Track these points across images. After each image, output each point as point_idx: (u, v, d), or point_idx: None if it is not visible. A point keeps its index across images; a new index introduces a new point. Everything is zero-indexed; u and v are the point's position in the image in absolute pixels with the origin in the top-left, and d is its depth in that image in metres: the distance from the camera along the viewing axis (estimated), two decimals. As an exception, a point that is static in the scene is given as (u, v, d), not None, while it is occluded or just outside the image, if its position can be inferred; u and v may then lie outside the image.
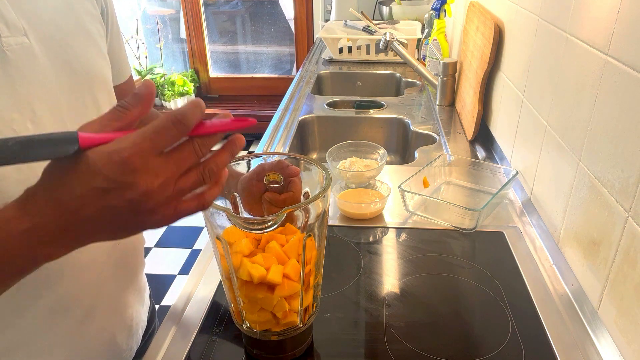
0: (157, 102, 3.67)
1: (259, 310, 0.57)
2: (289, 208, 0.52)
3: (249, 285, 0.55)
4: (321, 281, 0.62)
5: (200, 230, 2.64)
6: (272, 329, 0.59)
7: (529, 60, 0.95)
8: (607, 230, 0.64)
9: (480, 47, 1.24)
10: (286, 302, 0.56)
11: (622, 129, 0.60)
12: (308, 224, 0.56)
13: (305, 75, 1.87)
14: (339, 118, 1.48)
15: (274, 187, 0.64)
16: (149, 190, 0.40)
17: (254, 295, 0.55)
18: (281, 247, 0.56)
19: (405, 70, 1.88)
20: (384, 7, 2.42)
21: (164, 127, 0.40)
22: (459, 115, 1.43)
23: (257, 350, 0.62)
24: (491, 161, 1.15)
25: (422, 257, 0.82)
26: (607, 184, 0.64)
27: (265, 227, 0.52)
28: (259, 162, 0.65)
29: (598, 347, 0.64)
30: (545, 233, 0.84)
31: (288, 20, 3.74)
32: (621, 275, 0.60)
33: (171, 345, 0.65)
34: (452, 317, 0.69)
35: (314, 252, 0.58)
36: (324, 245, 0.60)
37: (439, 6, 1.65)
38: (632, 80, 0.58)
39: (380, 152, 1.08)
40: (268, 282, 0.54)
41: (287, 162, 0.63)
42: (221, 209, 0.52)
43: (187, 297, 0.74)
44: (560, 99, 0.80)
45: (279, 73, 3.93)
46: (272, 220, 0.51)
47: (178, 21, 3.79)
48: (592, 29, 0.69)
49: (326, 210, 0.57)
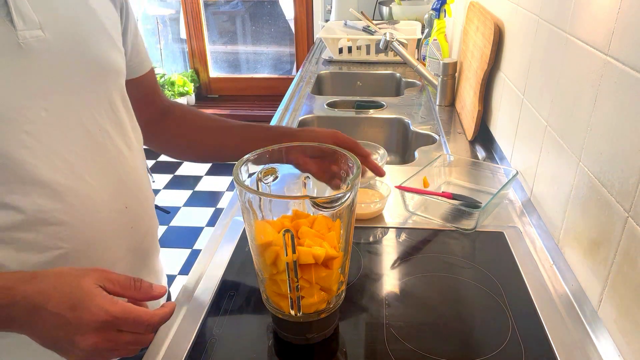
0: (157, 102, 3.67)
1: (318, 291, 0.60)
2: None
3: (310, 269, 0.58)
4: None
5: (200, 230, 2.64)
6: (320, 307, 0.62)
7: (529, 60, 0.95)
8: (607, 230, 0.64)
9: (480, 47, 1.24)
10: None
11: (622, 129, 0.60)
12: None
13: (305, 76, 1.87)
14: (339, 118, 1.48)
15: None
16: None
17: (318, 276, 0.58)
18: (311, 229, 0.59)
19: (405, 70, 1.88)
20: (384, 7, 2.42)
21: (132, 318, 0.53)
22: (459, 115, 1.43)
23: (309, 333, 0.64)
24: (491, 161, 1.15)
25: (422, 257, 0.82)
26: (607, 184, 0.64)
27: (340, 203, 0.58)
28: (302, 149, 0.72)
29: (598, 347, 0.64)
30: (545, 233, 0.84)
31: (288, 20, 3.74)
32: (621, 276, 0.60)
33: (170, 346, 0.65)
34: (452, 317, 0.69)
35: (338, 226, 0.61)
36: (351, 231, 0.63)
37: (439, 6, 1.65)
38: (632, 80, 0.58)
39: (380, 152, 1.08)
40: (329, 256, 0.58)
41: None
42: (302, 197, 0.60)
43: (188, 296, 0.74)
44: (560, 99, 0.80)
45: (279, 73, 3.93)
46: (347, 196, 0.57)
47: (178, 21, 3.79)
48: (592, 29, 0.69)
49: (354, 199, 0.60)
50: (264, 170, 0.67)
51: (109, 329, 0.51)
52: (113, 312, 0.51)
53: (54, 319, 0.50)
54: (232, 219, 0.93)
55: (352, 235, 0.63)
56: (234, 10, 3.84)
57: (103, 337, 0.51)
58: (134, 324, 0.53)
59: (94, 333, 0.50)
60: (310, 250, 0.57)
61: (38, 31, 0.56)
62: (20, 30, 0.54)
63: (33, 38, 0.55)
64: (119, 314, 0.51)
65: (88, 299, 0.51)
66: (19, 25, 0.54)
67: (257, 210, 0.59)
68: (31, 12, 0.55)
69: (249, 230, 0.61)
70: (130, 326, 0.52)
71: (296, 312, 0.61)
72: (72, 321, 0.50)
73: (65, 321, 0.50)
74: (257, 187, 0.65)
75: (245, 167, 0.63)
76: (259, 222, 0.59)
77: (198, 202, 2.95)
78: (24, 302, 0.50)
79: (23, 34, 0.55)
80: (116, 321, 0.51)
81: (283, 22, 3.79)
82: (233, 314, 0.70)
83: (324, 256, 0.57)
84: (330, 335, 0.66)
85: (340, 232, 0.61)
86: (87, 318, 0.50)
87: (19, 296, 0.50)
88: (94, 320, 0.50)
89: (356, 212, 0.92)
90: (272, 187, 0.67)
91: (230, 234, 0.88)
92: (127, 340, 0.53)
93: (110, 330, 0.52)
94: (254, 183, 0.65)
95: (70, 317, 0.50)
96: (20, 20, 0.54)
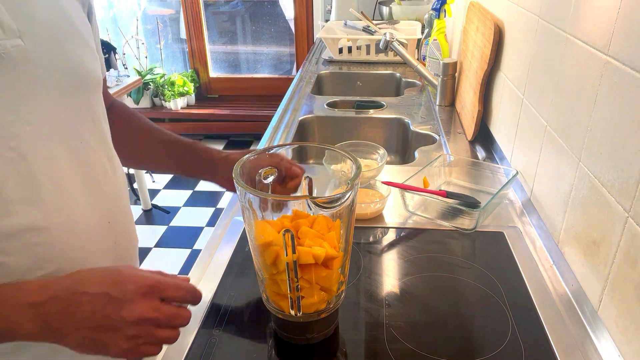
0: (157, 102, 3.67)
1: (318, 291, 0.60)
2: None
3: (310, 269, 0.58)
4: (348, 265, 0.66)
5: (200, 230, 2.64)
6: (321, 307, 0.62)
7: (529, 60, 0.95)
8: (607, 230, 0.64)
9: (480, 47, 1.24)
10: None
11: (622, 129, 0.60)
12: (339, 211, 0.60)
13: (305, 76, 1.87)
14: (339, 118, 1.48)
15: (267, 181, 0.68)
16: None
17: (318, 275, 0.59)
18: (311, 229, 0.59)
19: (405, 70, 1.88)
20: (384, 7, 2.42)
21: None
22: (459, 115, 1.43)
23: (309, 333, 0.64)
24: (491, 161, 1.15)
25: (422, 257, 0.82)
26: (607, 184, 0.64)
27: (340, 203, 0.58)
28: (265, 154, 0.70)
29: (598, 347, 0.64)
30: (545, 233, 0.84)
31: (288, 20, 3.74)
32: (621, 275, 0.60)
33: (170, 346, 0.65)
34: (452, 317, 0.69)
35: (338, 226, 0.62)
36: (351, 231, 0.63)
37: (439, 6, 1.65)
38: (632, 80, 0.58)
39: (380, 152, 1.08)
40: (329, 256, 0.58)
41: (289, 160, 0.71)
42: (302, 197, 0.60)
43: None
44: (560, 99, 0.80)
45: (279, 73, 3.93)
46: (347, 196, 0.58)
47: (178, 21, 3.79)
48: (592, 29, 0.69)
49: (354, 199, 0.61)
50: (264, 170, 0.67)
51: (153, 296, 0.53)
52: (155, 277, 0.54)
53: (98, 301, 0.51)
54: (232, 219, 0.93)
55: (352, 235, 0.63)
56: (234, 10, 3.84)
57: (148, 306, 0.53)
58: (176, 288, 0.55)
59: (141, 300, 0.52)
60: (310, 250, 0.57)
61: (18, 40, 0.53)
62: (0, 40, 0.51)
63: (14, 47, 0.53)
64: (161, 279, 0.54)
65: (128, 272, 0.54)
66: None
67: (257, 210, 0.59)
68: (9, 20, 0.52)
69: (249, 230, 0.61)
70: (172, 289, 0.55)
71: (296, 312, 0.61)
72: (117, 295, 0.52)
73: (109, 298, 0.51)
74: (257, 187, 0.65)
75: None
76: (259, 222, 0.59)
77: (198, 202, 2.95)
78: (64, 294, 0.51)
79: (4, 44, 0.52)
80: (159, 285, 0.54)
81: (283, 22, 3.78)
82: (233, 314, 0.70)
83: (324, 256, 0.57)
84: (330, 335, 0.66)
85: (340, 232, 0.61)
86: (132, 288, 0.52)
87: (57, 288, 0.51)
88: (140, 286, 0.53)
89: (356, 212, 0.92)
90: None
91: (230, 234, 0.88)
92: (170, 313, 0.55)
93: (155, 298, 0.54)
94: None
95: (115, 292, 0.52)
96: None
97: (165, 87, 3.55)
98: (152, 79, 3.55)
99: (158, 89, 3.58)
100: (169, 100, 3.56)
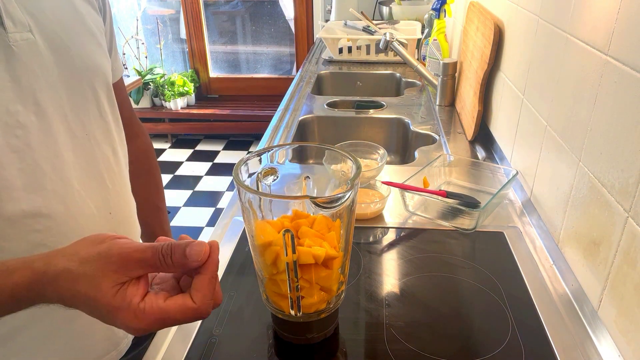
0: (157, 102, 3.67)
1: (318, 291, 0.60)
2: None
3: (310, 269, 0.58)
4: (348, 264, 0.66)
5: (200, 230, 2.64)
6: (321, 307, 0.62)
7: (529, 60, 0.95)
8: (607, 230, 0.64)
9: (480, 47, 1.24)
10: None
11: (622, 129, 0.60)
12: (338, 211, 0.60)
13: (305, 76, 1.87)
14: (339, 118, 1.48)
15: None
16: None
17: (318, 275, 0.58)
18: (311, 229, 0.59)
19: (405, 70, 1.88)
20: (384, 7, 2.42)
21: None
22: (459, 115, 1.43)
23: (309, 333, 0.64)
24: (491, 161, 1.15)
25: (422, 257, 0.82)
26: (607, 184, 0.64)
27: (340, 203, 0.58)
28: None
29: (598, 347, 0.64)
30: (545, 233, 0.84)
31: (288, 20, 3.74)
32: (621, 275, 0.60)
33: (170, 346, 0.65)
34: (452, 317, 0.69)
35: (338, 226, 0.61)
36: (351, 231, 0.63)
37: (439, 6, 1.65)
38: (632, 80, 0.58)
39: (380, 152, 1.08)
40: (329, 256, 0.58)
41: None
42: (302, 197, 0.60)
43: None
44: (560, 99, 0.80)
45: (279, 73, 3.93)
46: (347, 196, 0.57)
47: (178, 21, 3.79)
48: (592, 29, 0.69)
49: (354, 199, 0.60)
50: (264, 170, 0.67)
51: (147, 331, 0.45)
52: (140, 327, 0.43)
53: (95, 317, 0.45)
54: (232, 219, 0.93)
55: (352, 235, 0.63)
56: (234, 10, 3.84)
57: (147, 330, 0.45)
58: (175, 321, 0.45)
59: (135, 332, 0.44)
60: (310, 250, 0.57)
61: (28, 34, 0.55)
62: (10, 33, 0.54)
63: (23, 40, 0.55)
64: (150, 325, 0.43)
65: (111, 316, 0.43)
66: (9, 27, 0.53)
67: (257, 210, 0.59)
68: (20, 14, 0.55)
69: (249, 230, 0.61)
70: (171, 322, 0.45)
71: (296, 312, 0.61)
72: (108, 323, 0.44)
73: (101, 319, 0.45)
74: (257, 187, 0.65)
75: (245, 167, 0.63)
76: (259, 222, 0.59)
77: (198, 202, 2.95)
78: (56, 301, 0.45)
79: (14, 36, 0.54)
80: (150, 329, 0.44)
81: (283, 22, 3.79)
82: (233, 314, 0.70)
83: (324, 256, 0.57)
84: (330, 335, 0.66)
85: (340, 232, 0.61)
86: (120, 328, 0.44)
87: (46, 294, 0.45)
88: (127, 330, 0.44)
89: (356, 212, 0.92)
90: (272, 187, 0.67)
91: (230, 234, 0.88)
92: (179, 320, 0.46)
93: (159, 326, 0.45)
94: (254, 183, 0.65)
95: (109, 322, 0.44)
96: (10, 22, 0.53)
97: (165, 87, 3.55)
98: (152, 79, 3.55)
99: (158, 89, 3.58)
100: (169, 100, 3.56)
